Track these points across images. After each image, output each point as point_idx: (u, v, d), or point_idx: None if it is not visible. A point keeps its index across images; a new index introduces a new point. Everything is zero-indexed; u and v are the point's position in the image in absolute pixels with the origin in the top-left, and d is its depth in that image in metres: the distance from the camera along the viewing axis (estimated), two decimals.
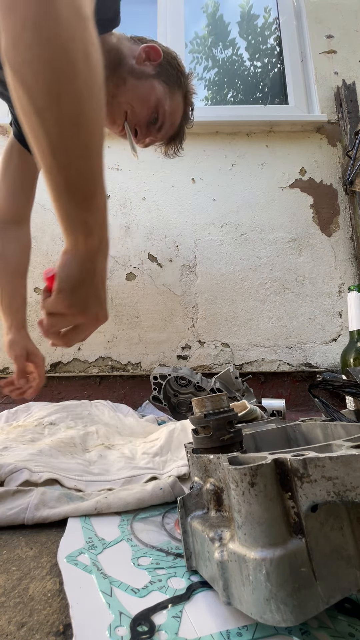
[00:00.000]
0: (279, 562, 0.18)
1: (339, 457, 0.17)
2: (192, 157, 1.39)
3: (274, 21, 1.63)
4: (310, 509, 0.19)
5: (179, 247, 1.33)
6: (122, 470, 0.46)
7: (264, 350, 1.26)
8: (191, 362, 1.25)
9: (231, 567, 0.20)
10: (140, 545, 0.29)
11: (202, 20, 1.67)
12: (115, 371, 1.23)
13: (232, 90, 1.66)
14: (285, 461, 0.19)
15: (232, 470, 0.20)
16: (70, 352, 1.23)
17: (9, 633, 0.20)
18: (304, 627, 0.20)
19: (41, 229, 1.33)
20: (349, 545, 0.19)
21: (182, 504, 0.25)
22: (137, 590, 0.23)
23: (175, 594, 0.22)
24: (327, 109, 1.43)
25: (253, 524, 0.19)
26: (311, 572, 0.18)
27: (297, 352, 1.26)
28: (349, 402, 0.80)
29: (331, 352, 1.26)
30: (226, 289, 1.31)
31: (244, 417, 0.67)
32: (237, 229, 1.35)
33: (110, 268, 1.31)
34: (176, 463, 0.48)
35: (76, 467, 0.46)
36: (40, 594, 0.23)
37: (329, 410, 0.34)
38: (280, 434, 0.35)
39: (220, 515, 0.23)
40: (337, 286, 1.31)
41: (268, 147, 1.41)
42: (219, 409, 0.26)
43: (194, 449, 0.27)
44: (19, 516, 0.34)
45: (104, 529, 0.32)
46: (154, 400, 0.96)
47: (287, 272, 1.32)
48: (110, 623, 0.20)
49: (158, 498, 0.37)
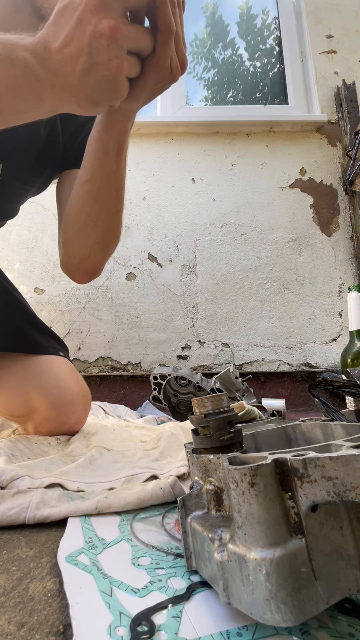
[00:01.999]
0: (279, 562, 0.18)
1: (339, 457, 0.17)
2: (192, 157, 1.39)
3: (274, 21, 1.63)
4: (310, 509, 0.19)
5: (179, 247, 1.33)
6: (123, 470, 0.46)
7: (264, 350, 1.26)
8: (191, 362, 1.25)
9: (231, 567, 0.20)
10: (140, 545, 0.29)
11: (202, 21, 1.67)
12: (115, 371, 1.23)
13: (232, 90, 1.66)
14: (285, 461, 0.19)
15: (232, 470, 0.20)
16: (71, 353, 1.23)
17: (9, 633, 0.20)
18: (304, 627, 0.20)
19: (41, 229, 1.33)
20: (349, 545, 0.19)
21: (182, 504, 0.25)
22: (137, 590, 0.23)
23: (175, 594, 0.22)
24: (327, 109, 1.43)
25: (253, 524, 0.19)
26: (311, 572, 0.18)
27: (297, 352, 1.26)
28: (349, 402, 0.80)
29: (331, 352, 1.26)
30: (226, 289, 1.31)
31: (242, 417, 0.67)
32: (237, 229, 1.35)
33: (110, 268, 1.31)
34: (175, 464, 0.48)
35: (76, 471, 0.46)
36: (40, 594, 0.23)
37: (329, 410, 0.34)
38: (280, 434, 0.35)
39: (220, 515, 0.23)
40: (337, 286, 1.31)
41: (268, 147, 1.41)
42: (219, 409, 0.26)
43: (194, 449, 0.27)
44: (20, 515, 0.34)
45: (104, 529, 0.32)
46: (154, 400, 0.96)
47: (287, 272, 1.32)
48: (110, 623, 0.20)
49: (158, 498, 0.37)
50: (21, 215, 1.31)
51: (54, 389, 0.63)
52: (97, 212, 0.55)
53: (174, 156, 1.39)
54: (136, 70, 0.36)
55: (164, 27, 0.35)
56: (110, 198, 0.55)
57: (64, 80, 0.33)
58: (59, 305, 1.28)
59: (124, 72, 0.33)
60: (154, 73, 0.37)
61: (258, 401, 0.88)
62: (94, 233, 0.57)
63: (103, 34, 0.31)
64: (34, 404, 0.62)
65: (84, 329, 1.27)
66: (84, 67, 0.32)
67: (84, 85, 0.33)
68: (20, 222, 1.32)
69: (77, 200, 0.56)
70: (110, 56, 0.32)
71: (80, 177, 0.55)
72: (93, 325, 1.27)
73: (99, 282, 1.30)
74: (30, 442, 0.58)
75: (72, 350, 1.24)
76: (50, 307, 1.28)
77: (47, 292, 1.29)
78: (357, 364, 0.86)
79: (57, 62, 0.32)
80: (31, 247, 1.31)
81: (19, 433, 0.66)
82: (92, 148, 0.51)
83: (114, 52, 0.32)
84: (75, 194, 0.56)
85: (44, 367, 0.65)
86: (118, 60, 0.32)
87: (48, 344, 0.69)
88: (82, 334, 1.26)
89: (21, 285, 1.28)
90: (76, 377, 0.68)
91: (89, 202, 0.55)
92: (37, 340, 0.67)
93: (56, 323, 1.26)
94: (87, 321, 1.27)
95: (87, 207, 0.55)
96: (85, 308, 1.28)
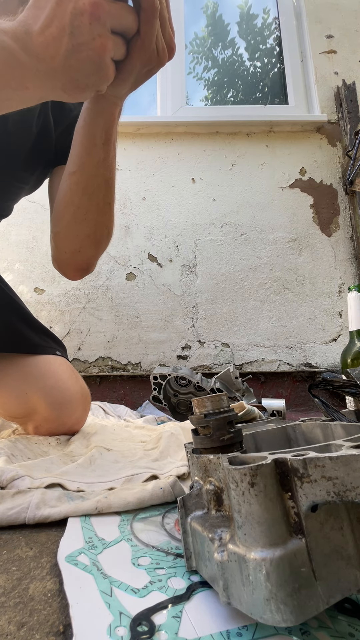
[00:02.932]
0: (279, 562, 0.18)
1: (339, 457, 0.17)
2: (192, 157, 1.39)
3: (274, 21, 1.63)
4: (310, 509, 0.19)
5: (179, 247, 1.33)
6: (123, 470, 0.46)
7: (264, 350, 1.26)
8: (191, 362, 1.25)
9: (231, 567, 0.20)
10: (140, 545, 0.29)
11: (202, 21, 1.67)
12: (115, 371, 1.23)
13: (232, 90, 1.66)
14: (285, 461, 0.19)
15: (232, 470, 0.20)
16: (70, 353, 1.23)
17: (9, 633, 0.20)
18: (304, 627, 0.20)
19: (41, 229, 1.33)
20: (349, 545, 0.19)
21: (182, 504, 0.25)
22: (137, 590, 0.23)
23: (175, 594, 0.22)
24: (327, 109, 1.43)
25: (253, 524, 0.19)
26: (311, 572, 0.18)
27: (297, 352, 1.26)
28: (349, 402, 0.80)
29: (331, 352, 1.26)
30: (226, 289, 1.31)
31: (242, 417, 0.67)
32: (237, 229, 1.35)
33: (110, 268, 1.31)
34: (175, 464, 0.48)
35: (76, 471, 0.46)
36: (40, 594, 0.23)
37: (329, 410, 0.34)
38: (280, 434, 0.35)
39: (220, 515, 0.23)
40: (337, 286, 1.31)
41: (268, 147, 1.41)
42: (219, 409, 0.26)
43: (194, 449, 0.27)
44: (20, 515, 0.34)
45: (104, 528, 0.32)
46: (154, 400, 0.96)
47: (287, 272, 1.32)
48: (110, 623, 0.20)
49: (158, 498, 0.37)
50: (21, 215, 1.32)
51: (54, 390, 0.63)
52: (86, 204, 0.54)
53: (174, 156, 1.39)
54: (121, 51, 0.35)
55: (147, 5, 0.34)
56: (99, 189, 0.53)
57: (48, 64, 0.32)
58: (59, 305, 1.28)
59: (108, 52, 0.33)
60: (139, 54, 0.36)
61: (258, 401, 0.88)
62: (84, 226, 0.56)
63: (84, 10, 0.30)
64: (34, 404, 0.62)
65: (84, 329, 1.27)
66: (67, 49, 0.31)
67: (69, 68, 0.32)
68: (20, 222, 1.32)
69: (66, 191, 0.55)
70: (94, 35, 0.31)
71: (68, 167, 0.53)
72: (93, 325, 1.27)
73: (99, 282, 1.30)
74: (30, 442, 0.58)
75: (72, 350, 1.24)
76: (50, 307, 1.28)
77: (47, 292, 1.29)
78: (357, 364, 0.86)
79: (40, 45, 0.31)
80: (31, 247, 1.31)
81: (19, 433, 0.66)
82: (79, 137, 0.49)
83: (97, 30, 0.31)
84: (64, 185, 0.55)
85: (43, 367, 0.65)
86: (102, 39, 0.32)
87: (45, 344, 0.69)
88: (82, 334, 1.26)
89: (21, 285, 1.28)
90: (75, 376, 0.68)
91: (77, 193, 0.53)
92: (33, 340, 0.67)
93: (56, 323, 1.26)
94: (87, 321, 1.27)
95: (75, 198, 0.54)
96: (85, 308, 1.28)
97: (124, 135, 1.39)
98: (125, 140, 1.39)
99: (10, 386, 0.64)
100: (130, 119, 1.36)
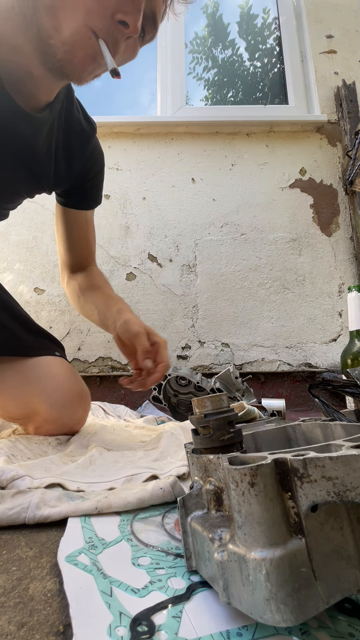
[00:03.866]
0: (279, 562, 0.18)
1: (339, 457, 0.17)
2: (192, 157, 1.39)
3: (274, 21, 1.63)
4: (310, 509, 0.19)
5: (179, 247, 1.33)
6: (123, 470, 0.46)
7: (264, 350, 1.26)
8: (191, 362, 1.25)
9: (231, 567, 0.20)
10: (140, 545, 0.29)
11: (202, 21, 1.67)
12: (115, 371, 1.23)
13: (232, 90, 1.66)
14: (285, 461, 0.19)
15: (232, 470, 0.20)
16: (70, 353, 1.23)
17: (9, 633, 0.20)
18: (304, 627, 0.20)
19: (41, 228, 1.33)
20: (349, 545, 0.19)
21: (182, 504, 0.25)
22: (137, 590, 0.23)
23: (175, 594, 0.22)
24: (327, 109, 1.43)
25: (253, 524, 0.19)
26: (311, 572, 0.18)
27: (297, 352, 1.26)
28: (349, 402, 0.80)
29: (331, 352, 1.26)
30: (226, 289, 1.31)
31: (242, 417, 0.67)
32: (237, 229, 1.35)
33: (110, 268, 1.31)
34: (175, 464, 0.48)
35: (76, 471, 0.46)
36: (40, 594, 0.23)
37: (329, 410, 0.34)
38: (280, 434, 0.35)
39: (220, 515, 0.23)
40: (337, 286, 1.31)
41: (268, 147, 1.41)
42: (219, 409, 0.26)
43: (194, 449, 0.27)
44: (20, 515, 0.34)
45: (104, 528, 0.32)
46: (153, 400, 0.96)
47: (287, 272, 1.32)
48: (110, 623, 0.20)
49: (158, 498, 0.37)
50: (21, 215, 1.32)
51: (54, 391, 0.63)
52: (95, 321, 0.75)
53: (174, 156, 1.39)
54: None
55: None
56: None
57: None
58: (59, 305, 1.28)
59: None
60: None
61: (258, 401, 0.88)
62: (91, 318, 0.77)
63: None
64: (34, 406, 0.62)
65: (84, 328, 1.27)
66: None
67: None
68: (20, 222, 1.32)
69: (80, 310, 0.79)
70: None
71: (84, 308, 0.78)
72: (93, 325, 1.27)
73: None
74: (30, 442, 0.58)
75: (72, 350, 1.24)
76: (50, 307, 1.28)
77: (47, 292, 1.29)
78: (357, 364, 0.86)
79: None
80: (31, 247, 1.31)
81: (19, 433, 0.66)
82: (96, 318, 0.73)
83: None
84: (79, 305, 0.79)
85: (43, 369, 0.65)
86: None
87: (42, 345, 0.69)
88: (82, 334, 1.26)
89: (21, 285, 1.28)
90: (75, 377, 0.68)
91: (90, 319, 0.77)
92: (30, 342, 0.67)
93: (56, 323, 1.26)
94: (87, 321, 1.27)
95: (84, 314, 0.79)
96: None
97: (124, 135, 1.39)
98: (125, 140, 1.39)
99: (10, 388, 0.64)
100: (130, 119, 1.36)
